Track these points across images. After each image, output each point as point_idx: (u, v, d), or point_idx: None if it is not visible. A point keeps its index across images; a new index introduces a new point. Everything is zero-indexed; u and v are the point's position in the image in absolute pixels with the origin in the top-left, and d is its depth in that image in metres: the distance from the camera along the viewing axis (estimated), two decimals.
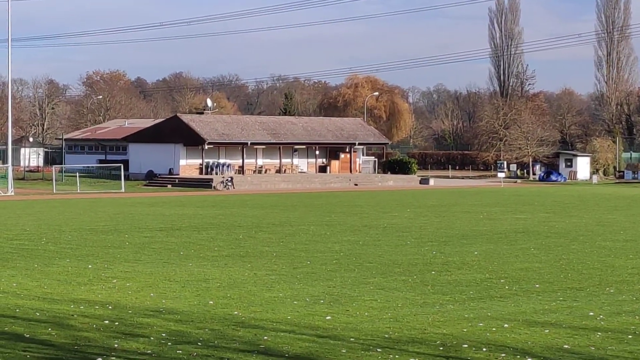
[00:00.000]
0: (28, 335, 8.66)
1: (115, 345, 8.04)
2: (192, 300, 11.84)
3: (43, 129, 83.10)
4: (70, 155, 66.05)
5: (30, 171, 63.91)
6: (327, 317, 10.10)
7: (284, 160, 60.16)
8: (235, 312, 10.69)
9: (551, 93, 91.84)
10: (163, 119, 65.97)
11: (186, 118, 60.24)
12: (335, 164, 63.30)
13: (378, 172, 65.96)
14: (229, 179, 53.59)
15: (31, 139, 75.53)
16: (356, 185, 58.35)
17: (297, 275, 15.07)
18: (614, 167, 69.06)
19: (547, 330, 9.53)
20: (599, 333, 9.11)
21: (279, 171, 59.76)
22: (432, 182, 60.47)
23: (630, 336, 9.08)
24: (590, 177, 66.41)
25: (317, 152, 62.39)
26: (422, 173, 70.89)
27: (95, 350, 8.01)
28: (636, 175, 63.24)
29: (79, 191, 50.16)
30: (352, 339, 8.38)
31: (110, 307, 11.05)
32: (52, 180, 52.13)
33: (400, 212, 35.99)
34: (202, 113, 63.34)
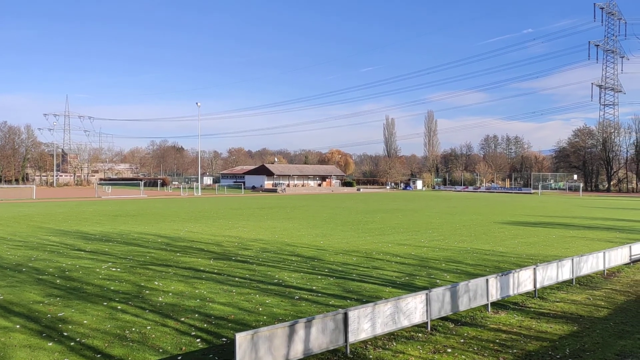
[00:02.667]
0: (205, 248, 22.87)
1: (239, 252, 22.20)
2: (269, 236, 28.70)
3: (212, 169, 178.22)
4: (223, 179, 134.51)
5: (207, 186, 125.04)
6: (321, 242, 24.94)
7: (304, 181, 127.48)
8: (285, 240, 25.50)
9: (406, 155, 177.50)
10: (259, 165, 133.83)
11: (267, 165, 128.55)
12: (324, 183, 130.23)
13: (340, 186, 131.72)
14: (284, 188, 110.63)
15: (207, 173, 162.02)
16: (332, 191, 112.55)
17: (309, 227, 33.63)
18: (431, 184, 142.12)
19: (405, 247, 24.23)
20: (425, 248, 23.39)
21: (303, 185, 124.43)
22: (362, 190, 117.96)
23: (437, 249, 23.29)
24: (422, 188, 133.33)
25: (317, 178, 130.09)
26: (358, 186, 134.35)
27: (232, 254, 22.04)
28: (439, 187, 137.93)
29: (225, 194, 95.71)
30: (331, 250, 22.62)
31: (237, 238, 25.82)
32: (215, 189, 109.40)
33: (348, 202, 66.94)
34: (273, 163, 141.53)
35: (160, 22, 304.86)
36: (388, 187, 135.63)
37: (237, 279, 16.88)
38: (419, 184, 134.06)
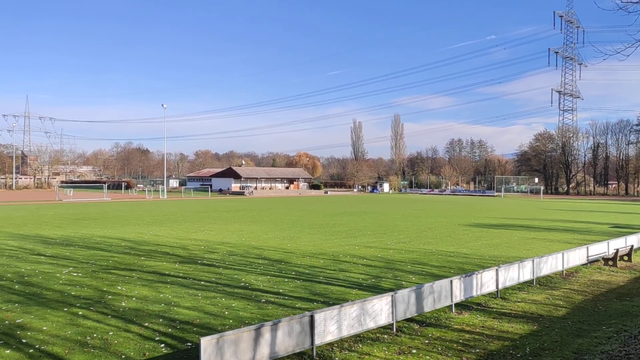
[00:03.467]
0: (170, 252, 22.54)
1: (205, 255, 21.95)
2: (236, 239, 28.13)
3: (178, 171, 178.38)
4: (189, 182, 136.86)
5: (173, 189, 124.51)
6: (288, 245, 24.76)
7: (272, 184, 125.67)
8: (252, 243, 25.31)
9: (373, 159, 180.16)
10: (226, 168, 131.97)
11: (235, 167, 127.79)
12: (292, 186, 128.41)
13: (308, 189, 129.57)
14: (251, 191, 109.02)
15: (173, 176, 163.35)
16: (300, 194, 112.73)
17: (276, 229, 33.57)
18: (398, 187, 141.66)
19: (372, 249, 24.38)
20: (391, 250, 23.60)
21: (270, 188, 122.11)
22: (329, 193, 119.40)
23: (403, 252, 23.54)
24: (389, 191, 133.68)
25: (285, 181, 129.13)
26: (325, 189, 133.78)
27: (198, 257, 21.81)
28: (405, 190, 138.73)
29: (192, 197, 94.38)
30: (298, 253, 22.58)
31: (203, 241, 25.43)
32: (181, 192, 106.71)
33: (316, 204, 66.91)
34: (241, 165, 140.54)
35: (124, 20, 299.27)
36: (355, 190, 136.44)
37: (203, 282, 16.71)
38: (386, 186, 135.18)
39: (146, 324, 12.04)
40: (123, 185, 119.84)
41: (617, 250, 21.56)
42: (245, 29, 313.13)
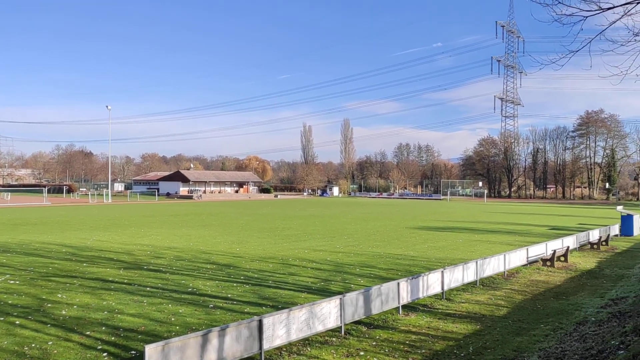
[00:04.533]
0: (114, 258, 21.90)
1: (151, 261, 21.44)
2: (183, 243, 27.37)
3: (124, 175, 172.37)
4: (135, 186, 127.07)
5: (118, 193, 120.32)
6: (237, 249, 24.45)
7: (221, 188, 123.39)
8: (201, 247, 24.73)
9: (323, 162, 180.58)
10: (174, 171, 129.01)
11: (183, 171, 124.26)
12: (242, 189, 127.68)
13: (258, 193, 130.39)
14: (200, 195, 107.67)
15: (118, 179, 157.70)
16: (249, 198, 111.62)
17: (225, 234, 33.03)
18: (348, 191, 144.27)
19: (321, 252, 24.39)
20: (340, 253, 23.80)
21: (220, 192, 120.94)
22: (279, 196, 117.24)
23: (352, 255, 23.78)
24: (338, 194, 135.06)
25: (235, 185, 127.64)
26: (276, 192, 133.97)
27: (144, 263, 21.29)
28: (355, 194, 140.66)
29: (138, 200, 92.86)
30: (247, 257, 22.41)
31: (150, 246, 24.70)
32: (127, 196, 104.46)
33: (265, 208, 66.41)
34: (189, 169, 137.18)
35: (66, 12, 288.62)
36: (305, 194, 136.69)
37: (148, 288, 16.31)
38: (336, 190, 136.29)
39: (88, 333, 11.64)
40: (65, 189, 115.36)
41: (555, 251, 22.55)
42: (193, 32, 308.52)
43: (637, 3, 6.60)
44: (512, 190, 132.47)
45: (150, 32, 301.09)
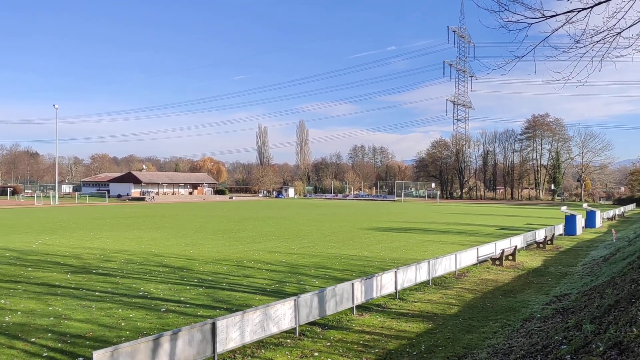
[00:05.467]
0: (62, 262, 21.18)
1: (101, 264, 20.86)
2: (135, 246, 26.71)
3: (72, 176, 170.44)
4: (84, 188, 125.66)
5: (66, 195, 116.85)
6: (191, 251, 24.06)
7: (175, 189, 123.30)
8: (153, 250, 24.25)
9: (279, 164, 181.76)
10: (125, 173, 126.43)
11: (135, 172, 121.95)
12: (196, 191, 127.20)
13: (212, 194, 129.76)
14: (152, 197, 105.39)
15: (66, 180, 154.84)
16: (204, 199, 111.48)
17: (178, 236, 32.51)
18: (303, 192, 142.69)
19: (276, 254, 24.16)
20: (295, 254, 23.76)
21: (173, 194, 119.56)
22: (234, 198, 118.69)
23: (307, 256, 23.81)
24: (294, 196, 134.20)
25: (189, 186, 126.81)
26: (231, 194, 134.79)
27: (93, 267, 20.67)
28: (310, 195, 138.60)
29: (87, 203, 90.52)
30: (201, 259, 22.07)
31: (99, 249, 23.96)
32: (75, 198, 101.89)
33: (220, 210, 64.94)
34: (141, 170, 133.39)
35: (8, 6, 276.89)
36: (261, 195, 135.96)
37: (97, 293, 15.83)
38: (291, 192, 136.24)
39: (33, 340, 11.20)
40: (9, 190, 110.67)
41: (503, 250, 23.27)
42: (144, 28, 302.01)
43: (578, 11, 6.91)
44: (464, 191, 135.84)
45: (99, 28, 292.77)
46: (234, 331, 10.33)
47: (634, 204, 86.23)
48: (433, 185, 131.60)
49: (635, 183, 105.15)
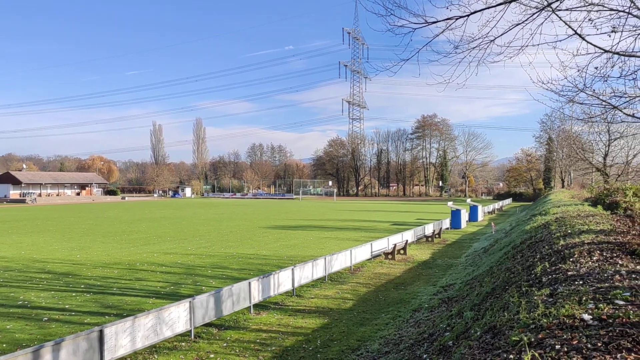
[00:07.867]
0: None
1: None
2: (13, 252, 23.29)
3: None
4: None
5: None
6: (78, 256, 22.74)
7: (60, 190, 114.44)
8: (34, 256, 22.76)
9: (175, 163, 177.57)
10: (3, 173, 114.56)
11: (14, 172, 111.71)
12: (84, 192, 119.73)
13: (103, 195, 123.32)
14: (34, 198, 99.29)
15: None
16: (93, 200, 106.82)
17: (63, 240, 31.33)
18: (201, 192, 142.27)
19: (172, 255, 23.69)
20: (191, 255, 23.17)
21: (58, 195, 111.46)
22: (127, 198, 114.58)
23: (204, 256, 23.26)
24: (191, 195, 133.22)
25: (76, 187, 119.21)
26: (123, 194, 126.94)
27: None
28: (208, 194, 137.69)
29: None
30: (89, 264, 20.94)
31: None
32: None
33: (111, 211, 67.91)
34: (21, 170, 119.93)
35: None
36: (156, 195, 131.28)
37: None
38: (188, 191, 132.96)
39: None
40: None
41: (395, 245, 24.37)
42: (27, 17, 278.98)
43: (457, 19, 7.42)
44: (360, 188, 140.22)
45: None
46: (124, 337, 9.89)
47: (511, 198, 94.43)
48: (330, 183, 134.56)
49: (512, 179, 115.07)
